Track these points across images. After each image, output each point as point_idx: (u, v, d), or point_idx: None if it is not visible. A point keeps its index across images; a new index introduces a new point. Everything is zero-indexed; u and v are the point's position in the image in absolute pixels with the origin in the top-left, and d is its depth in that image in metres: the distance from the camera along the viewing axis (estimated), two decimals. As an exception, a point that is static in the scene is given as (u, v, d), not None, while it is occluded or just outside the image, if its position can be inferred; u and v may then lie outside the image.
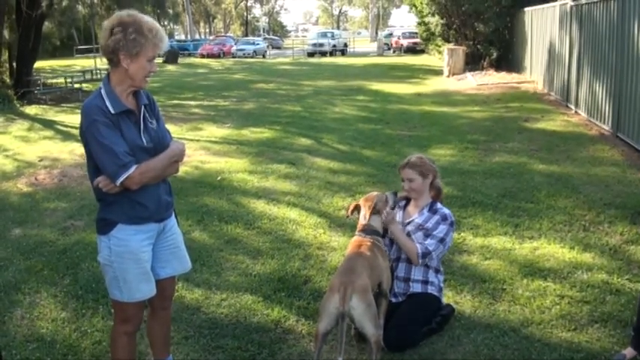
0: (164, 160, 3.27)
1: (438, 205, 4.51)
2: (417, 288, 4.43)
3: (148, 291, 3.38)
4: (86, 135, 3.11)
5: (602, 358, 3.99)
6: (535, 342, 4.21)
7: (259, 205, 7.47)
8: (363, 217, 4.35)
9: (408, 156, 4.62)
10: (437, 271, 4.50)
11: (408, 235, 4.39)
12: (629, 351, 3.95)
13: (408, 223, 4.47)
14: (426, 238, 4.35)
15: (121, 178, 3.08)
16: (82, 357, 4.25)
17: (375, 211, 4.30)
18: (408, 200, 4.61)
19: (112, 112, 3.11)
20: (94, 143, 3.08)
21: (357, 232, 4.36)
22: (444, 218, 4.40)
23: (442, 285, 4.56)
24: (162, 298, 3.63)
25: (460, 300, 4.86)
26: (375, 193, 4.49)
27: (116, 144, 3.07)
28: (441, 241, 4.34)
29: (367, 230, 4.29)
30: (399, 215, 4.55)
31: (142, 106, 3.28)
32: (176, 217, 3.61)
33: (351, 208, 4.47)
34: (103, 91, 3.16)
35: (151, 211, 3.29)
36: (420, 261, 4.30)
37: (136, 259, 3.28)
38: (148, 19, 3.18)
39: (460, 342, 4.25)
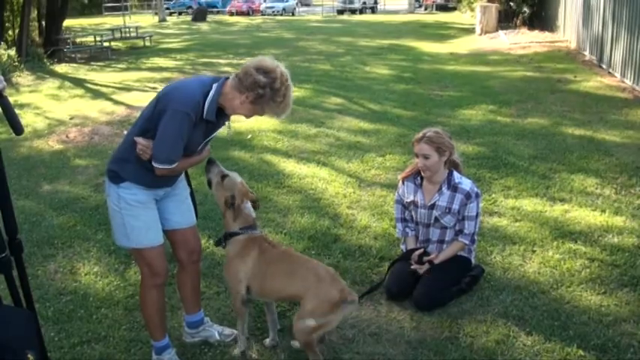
0: (193, 162, 3.42)
1: (456, 177, 4.30)
2: (448, 249, 4.42)
3: (155, 239, 3.43)
4: (168, 112, 3.12)
5: (631, 321, 3.97)
6: (564, 304, 4.20)
7: (289, 164, 7.50)
8: None
9: (424, 129, 4.34)
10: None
11: (437, 220, 4.32)
12: (659, 315, 3.94)
13: (432, 206, 4.31)
14: (458, 221, 4.29)
15: (161, 167, 3.18)
16: (116, 310, 4.34)
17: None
18: (421, 175, 4.40)
19: (204, 117, 3.19)
20: (168, 126, 3.12)
21: None
22: (468, 196, 4.24)
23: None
24: (188, 251, 3.71)
25: (490, 261, 4.85)
26: None
27: (182, 142, 3.16)
28: (477, 216, 4.30)
29: None
30: (418, 195, 4.38)
31: (221, 124, 3.39)
32: (187, 175, 3.71)
33: None
34: (210, 95, 3.19)
35: (162, 182, 3.39)
36: (473, 245, 4.43)
37: (145, 207, 3.37)
38: (291, 87, 3.20)
39: (489, 303, 4.26)
